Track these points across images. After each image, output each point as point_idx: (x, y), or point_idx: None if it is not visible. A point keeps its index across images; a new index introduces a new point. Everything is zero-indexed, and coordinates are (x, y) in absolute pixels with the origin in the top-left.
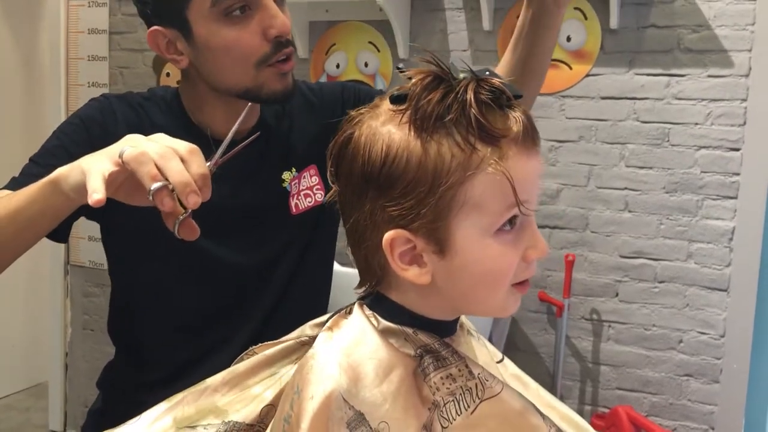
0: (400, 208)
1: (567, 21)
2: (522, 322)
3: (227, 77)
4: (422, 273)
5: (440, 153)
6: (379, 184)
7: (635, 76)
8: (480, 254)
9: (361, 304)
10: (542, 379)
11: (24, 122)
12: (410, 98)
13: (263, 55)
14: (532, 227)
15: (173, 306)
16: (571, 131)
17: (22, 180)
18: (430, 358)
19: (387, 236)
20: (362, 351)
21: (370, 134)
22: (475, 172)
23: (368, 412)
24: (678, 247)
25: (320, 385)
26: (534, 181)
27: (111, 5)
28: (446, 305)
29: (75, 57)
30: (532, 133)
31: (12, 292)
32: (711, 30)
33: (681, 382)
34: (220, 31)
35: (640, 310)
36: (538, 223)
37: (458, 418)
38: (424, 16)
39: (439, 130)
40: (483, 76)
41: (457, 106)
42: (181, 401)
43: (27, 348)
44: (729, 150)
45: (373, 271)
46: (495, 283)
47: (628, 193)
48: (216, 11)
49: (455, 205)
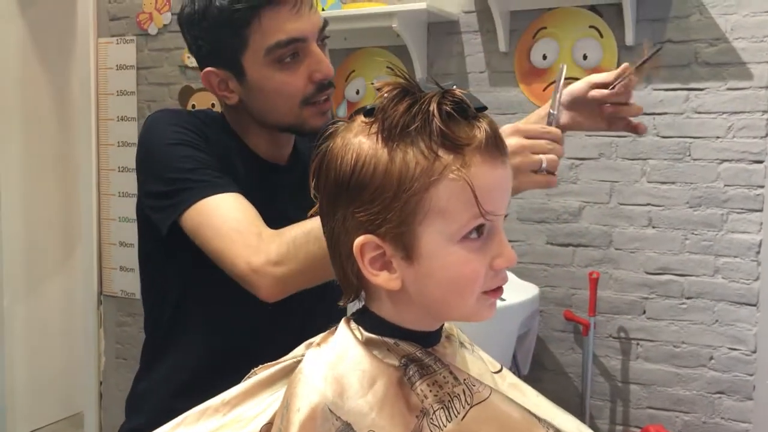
0: (368, 213)
1: (582, 39)
2: (548, 342)
3: (274, 114)
4: (392, 278)
5: (405, 160)
6: (349, 191)
7: (653, 91)
8: (445, 261)
9: (348, 319)
10: (571, 399)
11: (57, 155)
12: (378, 110)
13: (307, 95)
14: (500, 236)
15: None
16: (590, 148)
17: (221, 182)
18: (414, 367)
19: (357, 241)
20: (346, 363)
21: (343, 145)
22: (439, 179)
23: (355, 422)
24: (704, 262)
25: (306, 398)
26: (500, 190)
27: (138, 42)
28: (421, 313)
29: (104, 92)
30: (497, 143)
31: (47, 323)
32: (728, 43)
33: (713, 400)
34: (273, 76)
35: (669, 327)
36: (561, 241)
37: (449, 425)
38: (440, 40)
39: (405, 139)
40: (447, 89)
41: (422, 116)
42: (182, 422)
43: (63, 378)
44: (752, 162)
45: (349, 280)
46: (462, 290)
47: (651, 209)
48: (269, 59)
49: (420, 212)
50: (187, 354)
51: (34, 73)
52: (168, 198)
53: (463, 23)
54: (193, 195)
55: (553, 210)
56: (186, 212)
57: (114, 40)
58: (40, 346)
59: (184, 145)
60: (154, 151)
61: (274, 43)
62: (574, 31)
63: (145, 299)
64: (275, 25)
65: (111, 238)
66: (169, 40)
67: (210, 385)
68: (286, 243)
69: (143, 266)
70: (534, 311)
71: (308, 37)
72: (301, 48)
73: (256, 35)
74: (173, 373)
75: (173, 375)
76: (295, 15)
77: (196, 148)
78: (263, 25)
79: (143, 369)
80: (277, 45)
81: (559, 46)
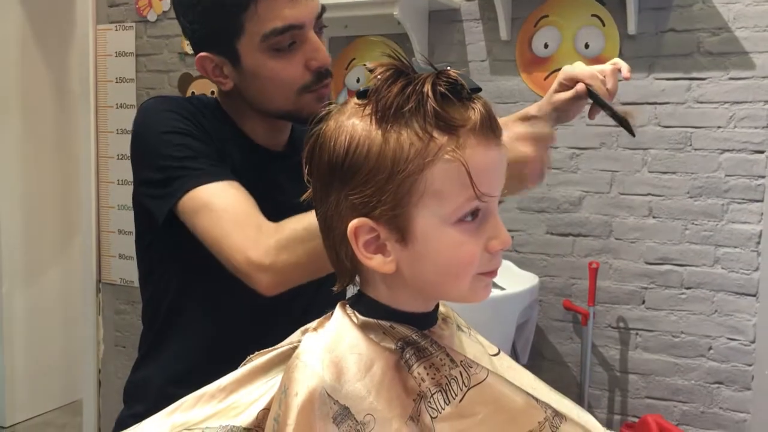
0: (362, 195)
1: (585, 28)
2: (547, 331)
3: (270, 101)
4: (386, 262)
5: (399, 142)
6: (343, 173)
7: (655, 80)
8: (439, 243)
9: (344, 303)
10: (569, 388)
11: (55, 143)
12: (372, 92)
13: (305, 84)
14: (495, 218)
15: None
16: (591, 138)
17: (217, 171)
18: (411, 350)
19: (351, 224)
20: (343, 346)
21: (336, 128)
22: (433, 160)
23: (353, 406)
24: (704, 252)
25: (304, 382)
26: (495, 172)
27: (137, 28)
28: (416, 295)
29: (103, 79)
30: (492, 124)
31: (46, 311)
32: (731, 32)
33: (712, 390)
34: (268, 63)
35: (668, 317)
36: (561, 230)
37: (447, 407)
38: (441, 28)
39: (399, 120)
40: (442, 70)
41: (416, 97)
42: (179, 407)
43: (62, 366)
44: (753, 153)
45: (343, 264)
46: (457, 272)
47: (651, 199)
48: (265, 46)
49: (415, 193)
50: (185, 342)
51: (32, 60)
52: (163, 186)
53: (464, 11)
54: (189, 183)
55: (554, 199)
56: (182, 200)
57: (113, 26)
58: (39, 334)
59: (179, 133)
60: (149, 140)
61: (270, 30)
62: (576, 20)
63: (143, 288)
64: (271, 11)
65: (110, 226)
66: (168, 27)
67: (209, 373)
68: (285, 238)
69: (141, 255)
70: (533, 301)
71: (305, 24)
72: (297, 35)
73: (252, 21)
74: (172, 361)
75: (172, 363)
76: (291, 1)
77: (191, 136)
78: (259, 11)
79: (142, 357)
80: (273, 32)
81: (561, 34)
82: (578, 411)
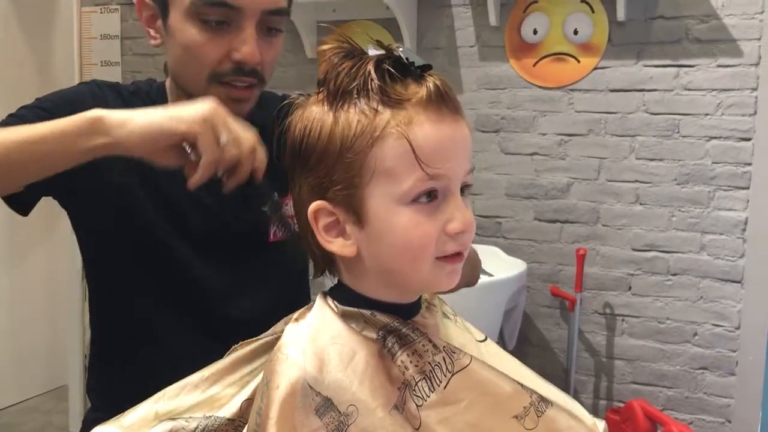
0: (317, 177)
1: (574, 14)
2: (534, 317)
3: (182, 75)
4: (346, 245)
5: (348, 120)
6: (300, 158)
7: (644, 67)
8: (392, 223)
9: (324, 294)
10: (556, 374)
11: None
12: (323, 76)
13: (220, 71)
14: (456, 199)
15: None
16: (580, 125)
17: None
18: (393, 338)
19: (310, 208)
20: (325, 336)
21: (297, 117)
22: (381, 135)
23: (335, 397)
24: (690, 239)
25: (286, 374)
26: (450, 150)
27: (122, 11)
28: (379, 282)
29: (88, 63)
30: (444, 98)
31: (31, 296)
32: (719, 20)
33: (696, 375)
34: (189, 30)
35: (654, 303)
36: (549, 217)
37: (432, 395)
38: (430, 13)
39: (348, 100)
40: (389, 48)
41: (362, 76)
42: (161, 397)
43: (48, 351)
44: (740, 140)
45: (312, 251)
46: (413, 255)
47: (638, 186)
48: (193, 11)
49: (366, 173)
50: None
51: (15, 42)
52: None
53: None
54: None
55: (541, 186)
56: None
57: (98, 9)
58: (24, 319)
59: (36, 106)
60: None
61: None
62: (565, 6)
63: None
64: None
65: None
66: None
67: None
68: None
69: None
70: (521, 287)
71: (244, 9)
72: (231, 17)
73: None
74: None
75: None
76: None
77: (39, 108)
78: None
79: (97, 365)
80: (204, 1)
81: (550, 20)
82: (564, 397)
